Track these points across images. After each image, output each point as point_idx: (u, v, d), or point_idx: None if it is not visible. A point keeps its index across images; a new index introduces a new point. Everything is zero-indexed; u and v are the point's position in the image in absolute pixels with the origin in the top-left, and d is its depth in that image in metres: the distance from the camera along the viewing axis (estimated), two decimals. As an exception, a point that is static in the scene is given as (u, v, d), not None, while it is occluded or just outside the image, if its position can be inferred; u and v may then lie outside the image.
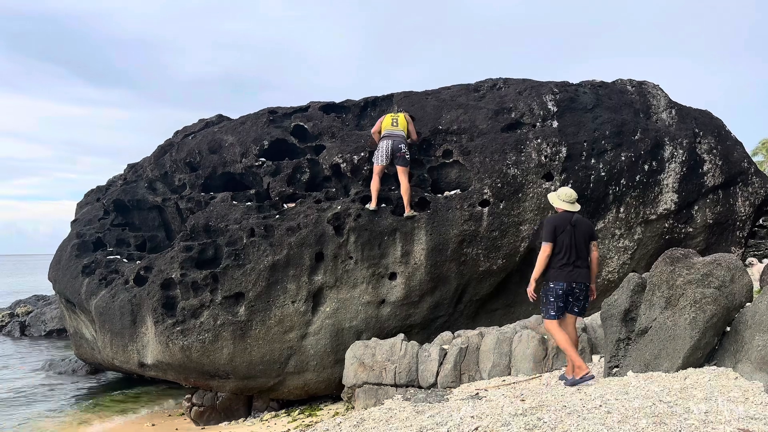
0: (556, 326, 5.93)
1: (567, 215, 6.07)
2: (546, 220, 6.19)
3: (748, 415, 4.30)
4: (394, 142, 8.73)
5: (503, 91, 9.76)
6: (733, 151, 10.08)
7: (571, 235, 5.95)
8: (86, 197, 12.90)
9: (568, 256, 5.88)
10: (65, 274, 10.72)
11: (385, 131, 8.89)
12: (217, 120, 11.46)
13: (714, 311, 5.61)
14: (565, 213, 6.08)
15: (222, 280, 8.72)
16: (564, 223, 5.98)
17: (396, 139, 8.76)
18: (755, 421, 4.20)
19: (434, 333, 8.74)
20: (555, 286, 5.87)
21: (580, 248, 5.99)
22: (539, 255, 5.97)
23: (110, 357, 9.61)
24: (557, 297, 5.89)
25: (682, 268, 6.05)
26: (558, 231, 5.93)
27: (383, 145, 8.79)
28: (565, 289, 5.87)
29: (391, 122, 8.96)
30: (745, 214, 9.97)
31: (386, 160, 8.73)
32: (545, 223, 6.10)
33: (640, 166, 9.35)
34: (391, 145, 8.72)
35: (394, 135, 8.80)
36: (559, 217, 6.05)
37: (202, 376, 8.85)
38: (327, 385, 8.79)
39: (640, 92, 10.09)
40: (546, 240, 5.94)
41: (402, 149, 8.72)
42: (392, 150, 8.70)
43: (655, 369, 5.74)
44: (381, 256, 8.66)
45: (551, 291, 5.90)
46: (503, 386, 6.47)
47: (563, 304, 5.93)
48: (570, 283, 5.89)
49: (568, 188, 6.23)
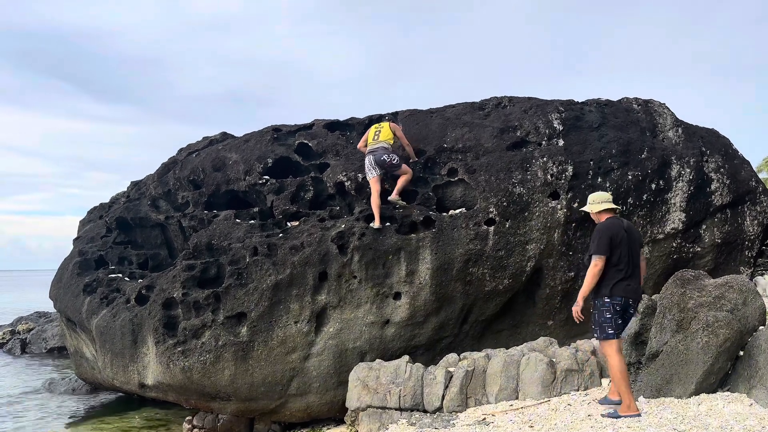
0: (616, 349, 5.25)
1: (618, 221, 5.50)
2: (600, 229, 5.42)
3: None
4: (375, 156, 8.70)
5: (508, 110, 9.71)
6: (741, 170, 10.00)
7: (627, 245, 5.36)
8: (89, 214, 12.84)
9: (626, 269, 5.30)
10: (66, 292, 10.62)
11: (368, 147, 8.87)
12: (221, 137, 11.43)
13: (727, 335, 5.49)
14: (615, 218, 5.53)
15: (224, 300, 8.60)
16: (619, 231, 5.37)
17: (376, 152, 8.71)
18: (774, 451, 4.06)
19: (439, 354, 8.60)
20: (612, 301, 5.26)
21: (635, 258, 5.43)
22: (590, 270, 5.32)
23: (110, 377, 9.47)
24: (615, 313, 5.28)
25: (694, 290, 5.95)
26: (614, 242, 5.31)
27: (366, 161, 8.81)
28: (623, 304, 5.30)
29: (373, 135, 8.94)
30: (754, 233, 9.86)
31: (375, 172, 8.68)
32: (600, 232, 5.38)
33: (647, 185, 9.26)
34: (373, 159, 8.71)
35: (374, 149, 8.76)
36: (613, 225, 5.41)
37: (203, 398, 8.70)
38: (330, 407, 8.62)
39: (646, 110, 10.04)
40: (600, 253, 5.27)
41: (386, 160, 8.66)
42: (376, 163, 8.68)
43: (666, 394, 5.61)
44: (385, 276, 8.54)
45: (608, 306, 5.28)
46: (511, 411, 6.33)
47: (621, 321, 5.34)
48: (628, 299, 5.32)
49: (599, 192, 5.80)
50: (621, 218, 5.62)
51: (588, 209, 5.72)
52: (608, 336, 5.29)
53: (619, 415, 5.22)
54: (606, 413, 5.36)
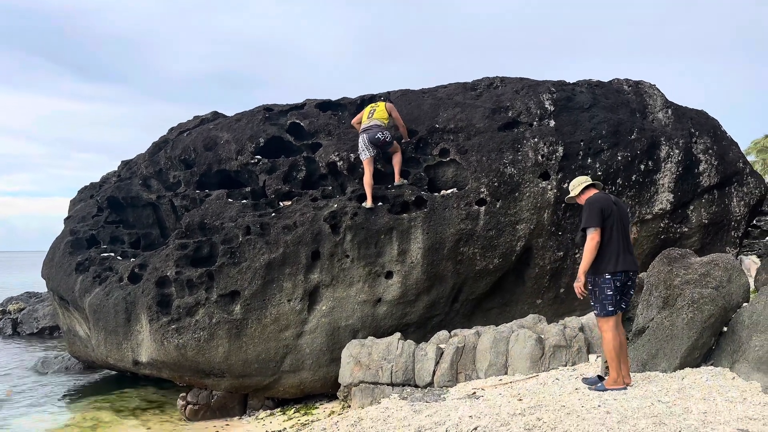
0: (612, 325, 5.28)
1: (605, 195, 5.46)
2: (589, 202, 5.39)
3: (746, 416, 4.31)
4: (369, 134, 8.73)
5: (500, 90, 9.75)
6: (729, 151, 10.11)
7: (618, 218, 5.34)
8: (79, 194, 12.80)
9: (616, 241, 5.26)
10: (59, 271, 10.64)
11: (362, 126, 8.93)
12: (212, 117, 11.40)
13: (712, 311, 5.64)
14: (601, 192, 5.51)
15: (217, 278, 8.67)
16: (609, 204, 5.34)
17: (370, 131, 8.75)
18: (754, 421, 4.21)
19: (430, 332, 8.73)
20: (614, 278, 5.26)
21: (627, 231, 5.41)
22: (587, 243, 5.26)
23: (104, 355, 9.54)
24: (616, 289, 5.26)
25: (680, 268, 6.08)
26: (605, 213, 5.28)
27: (360, 140, 8.85)
28: (623, 279, 5.31)
29: (368, 114, 9.00)
30: (740, 214, 10.00)
31: (368, 152, 8.73)
32: (589, 205, 5.35)
33: (636, 165, 9.37)
34: (367, 138, 8.74)
35: (368, 127, 8.80)
36: (601, 198, 5.39)
37: (197, 375, 8.81)
38: (323, 383, 8.75)
39: (637, 92, 10.11)
40: (594, 225, 5.23)
41: (380, 138, 8.70)
42: (370, 142, 8.72)
43: (652, 369, 5.76)
44: (377, 255, 8.63)
45: (608, 282, 5.25)
46: (500, 386, 6.46)
47: (620, 297, 5.35)
48: (627, 273, 5.30)
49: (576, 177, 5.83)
50: (608, 193, 5.67)
51: (573, 194, 5.73)
52: (608, 313, 5.31)
53: (606, 388, 5.36)
54: (593, 387, 5.51)
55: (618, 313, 5.41)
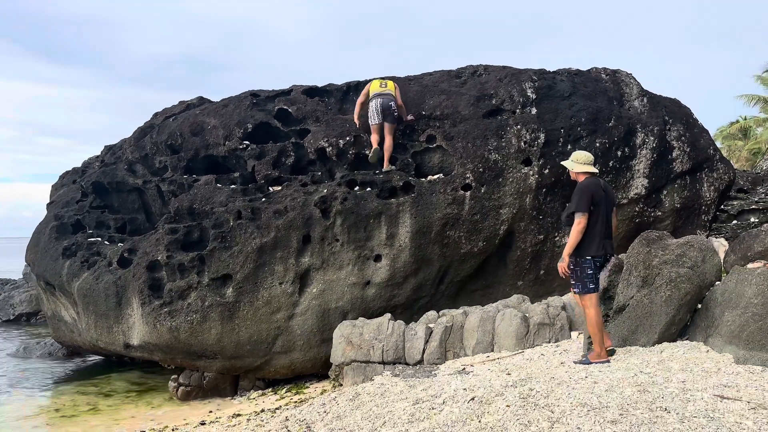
0: (595, 302, 5.62)
1: (596, 181, 5.75)
2: (580, 189, 5.66)
3: (721, 384, 4.69)
4: (384, 99, 9.12)
5: (484, 78, 10.00)
6: (700, 138, 10.53)
7: (604, 204, 5.65)
8: (61, 179, 12.74)
9: (601, 227, 5.59)
10: (44, 256, 10.63)
11: (374, 93, 9.27)
12: (198, 102, 11.43)
13: (688, 289, 6.01)
14: (594, 178, 5.77)
15: (209, 262, 8.81)
16: (598, 190, 5.64)
17: (386, 97, 9.16)
18: (728, 388, 4.58)
19: (417, 313, 9.02)
20: (594, 258, 5.61)
21: (609, 217, 5.75)
22: (574, 227, 5.55)
23: (94, 339, 9.62)
24: (595, 269, 5.63)
25: (658, 249, 6.44)
26: (595, 200, 5.58)
27: (373, 104, 9.16)
28: (601, 261, 5.67)
29: (379, 85, 9.39)
30: (710, 198, 10.45)
31: (379, 118, 9.10)
32: (580, 191, 5.62)
33: (614, 152, 9.72)
34: (381, 102, 9.09)
35: (384, 94, 9.21)
36: (593, 184, 5.67)
37: (189, 357, 8.96)
38: (313, 364, 8.99)
39: (614, 80, 10.44)
40: (583, 210, 5.52)
41: (392, 107, 9.13)
42: (382, 107, 9.07)
43: (632, 344, 6.12)
44: (367, 239, 8.86)
45: (589, 263, 5.60)
46: (488, 362, 6.78)
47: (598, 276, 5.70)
48: (605, 255, 5.67)
49: (582, 151, 5.95)
50: (598, 178, 5.93)
51: (569, 166, 5.94)
52: (589, 290, 5.66)
53: (590, 361, 5.70)
54: (578, 360, 5.85)
55: (598, 290, 5.80)
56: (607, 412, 4.17)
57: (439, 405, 4.97)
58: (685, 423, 3.92)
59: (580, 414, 4.19)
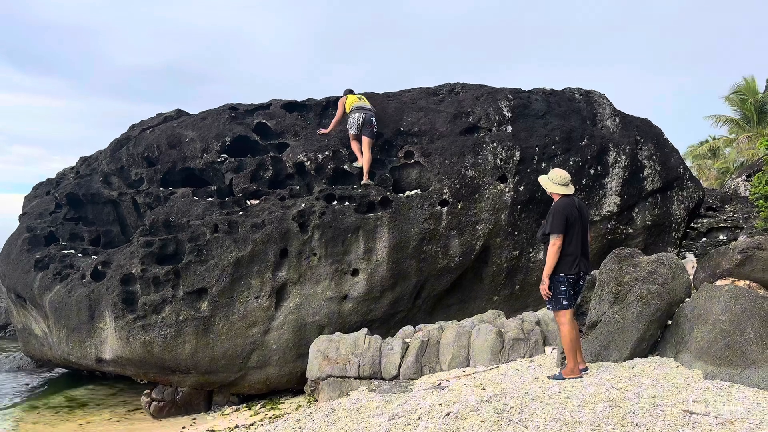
0: (570, 318, 5.64)
1: (571, 201, 5.79)
2: (555, 209, 5.70)
3: (691, 399, 4.76)
4: (367, 114, 9.32)
5: (461, 96, 10.13)
6: (671, 157, 10.77)
7: (579, 223, 5.70)
8: (35, 190, 12.50)
9: (575, 246, 5.64)
10: (16, 268, 10.40)
11: (354, 106, 9.42)
12: (176, 114, 11.36)
13: (658, 306, 6.11)
14: (569, 198, 5.80)
15: (184, 276, 8.72)
16: (573, 211, 5.69)
17: (368, 112, 9.36)
18: (697, 404, 4.66)
19: (393, 327, 9.01)
20: (567, 275, 5.63)
21: (585, 236, 5.80)
22: (550, 248, 5.61)
23: (65, 353, 9.42)
24: (569, 285, 5.65)
25: (629, 266, 6.54)
26: (570, 221, 5.62)
27: (355, 117, 9.30)
28: (575, 278, 5.69)
29: (359, 98, 9.58)
30: (680, 216, 10.67)
31: (356, 130, 9.25)
32: (555, 212, 5.67)
33: (587, 170, 9.89)
34: (363, 117, 9.27)
35: (367, 109, 9.41)
36: (567, 205, 5.72)
37: (163, 371, 8.83)
38: (288, 379, 8.92)
39: (587, 100, 10.66)
40: (558, 232, 5.57)
41: (373, 122, 9.31)
42: (363, 121, 9.24)
43: (605, 359, 6.18)
44: (344, 253, 8.86)
45: (563, 280, 5.64)
46: (463, 377, 6.80)
47: (573, 292, 5.70)
48: (578, 273, 5.70)
49: (560, 170, 5.99)
50: (574, 197, 5.96)
51: (544, 184, 5.96)
52: (562, 306, 5.67)
53: (563, 377, 5.74)
54: (551, 375, 5.89)
55: (572, 307, 5.83)
56: (580, 427, 4.21)
57: (415, 420, 4.97)
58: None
59: (553, 429, 4.23)
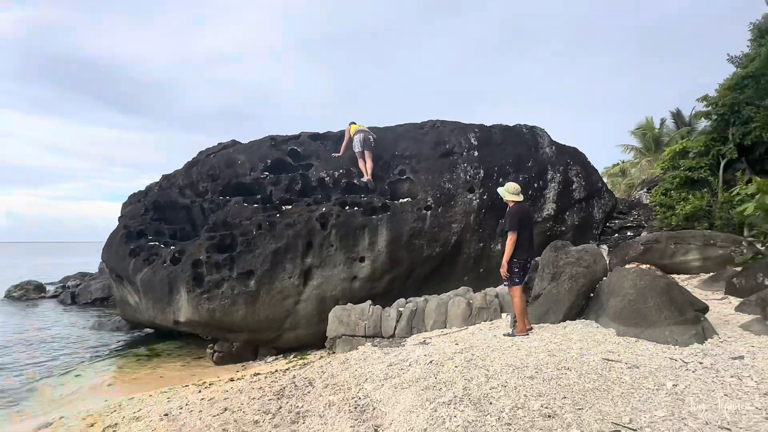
0: (520, 292, 5.67)
1: (522, 206, 5.78)
2: (510, 213, 5.71)
3: (608, 350, 4.73)
4: (365, 134, 9.34)
5: (440, 129, 10.10)
6: (592, 175, 10.75)
7: (528, 223, 5.76)
8: (129, 199, 12.45)
9: (524, 239, 5.69)
10: (116, 255, 10.37)
11: (357, 130, 9.43)
12: (231, 144, 11.32)
13: (584, 283, 6.07)
14: (520, 205, 5.79)
15: (237, 261, 8.68)
16: (524, 214, 5.74)
17: (366, 133, 9.37)
18: (613, 353, 4.63)
19: (391, 300, 8.92)
20: (518, 260, 5.67)
21: (531, 232, 5.87)
22: (507, 242, 5.61)
23: (152, 317, 9.38)
24: (520, 268, 5.69)
25: (563, 254, 6.50)
26: (522, 222, 5.67)
27: (358, 137, 9.31)
28: (524, 262, 5.72)
29: (358, 126, 9.58)
30: (599, 218, 10.65)
31: (361, 146, 9.25)
32: (510, 215, 5.69)
33: (532, 184, 9.87)
34: (363, 136, 9.29)
35: (365, 131, 9.41)
36: (519, 209, 5.73)
37: (222, 331, 8.78)
38: (313, 338, 8.87)
39: (532, 133, 10.62)
40: (513, 230, 5.59)
41: (370, 139, 9.33)
42: (364, 140, 9.25)
43: (545, 321, 6.15)
44: (354, 245, 8.82)
45: (515, 263, 5.66)
46: (442, 336, 6.75)
47: (523, 273, 5.75)
48: (527, 259, 5.74)
49: (513, 183, 5.97)
50: (524, 203, 5.97)
51: (502, 194, 5.97)
52: (515, 283, 5.71)
53: (515, 334, 5.72)
54: (506, 333, 5.86)
55: (522, 283, 5.82)
56: (527, 370, 4.18)
57: (407, 366, 4.94)
58: (582, 378, 3.95)
59: (507, 372, 4.20)
